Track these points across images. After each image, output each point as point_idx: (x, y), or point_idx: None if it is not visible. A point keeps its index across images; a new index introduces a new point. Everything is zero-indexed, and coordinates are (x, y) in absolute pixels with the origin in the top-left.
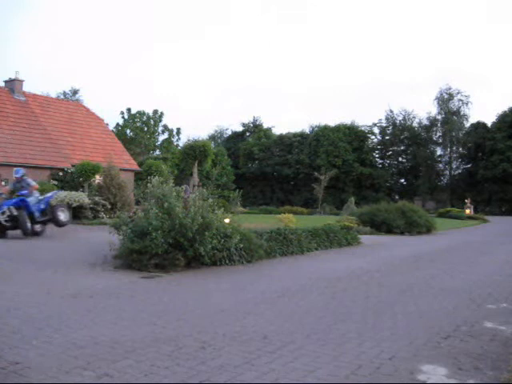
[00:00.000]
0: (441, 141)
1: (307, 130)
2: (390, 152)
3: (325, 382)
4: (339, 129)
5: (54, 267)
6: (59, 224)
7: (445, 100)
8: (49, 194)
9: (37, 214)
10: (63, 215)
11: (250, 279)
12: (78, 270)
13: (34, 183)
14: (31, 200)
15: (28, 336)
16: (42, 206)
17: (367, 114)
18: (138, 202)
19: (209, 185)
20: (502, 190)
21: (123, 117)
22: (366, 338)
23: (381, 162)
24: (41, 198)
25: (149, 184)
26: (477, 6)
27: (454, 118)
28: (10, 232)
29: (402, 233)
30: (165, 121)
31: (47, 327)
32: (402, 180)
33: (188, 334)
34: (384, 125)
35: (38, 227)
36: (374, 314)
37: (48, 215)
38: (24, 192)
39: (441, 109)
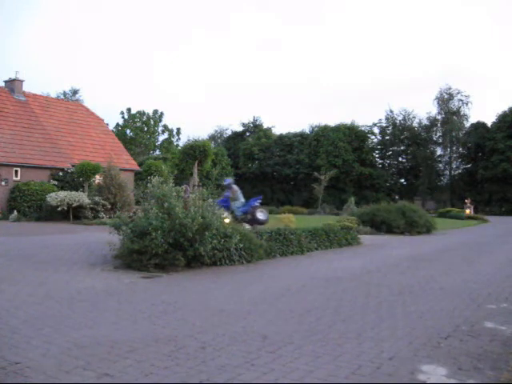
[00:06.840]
0: (441, 141)
1: (307, 130)
2: (390, 152)
3: (325, 382)
4: (339, 129)
5: (54, 267)
6: (258, 222)
7: (445, 100)
8: (252, 199)
9: (237, 213)
10: (262, 215)
11: (250, 279)
12: (77, 270)
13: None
14: (235, 203)
15: (28, 336)
16: (244, 208)
17: (367, 114)
18: (137, 202)
19: (209, 185)
20: (502, 189)
21: (123, 117)
22: (366, 337)
23: (381, 162)
24: (243, 201)
25: (149, 184)
26: (477, 6)
27: (454, 118)
28: None
29: (402, 233)
30: (165, 121)
31: (47, 327)
32: (402, 180)
33: (188, 334)
34: (384, 125)
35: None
36: (373, 314)
37: (249, 216)
38: (227, 194)
39: (441, 109)
